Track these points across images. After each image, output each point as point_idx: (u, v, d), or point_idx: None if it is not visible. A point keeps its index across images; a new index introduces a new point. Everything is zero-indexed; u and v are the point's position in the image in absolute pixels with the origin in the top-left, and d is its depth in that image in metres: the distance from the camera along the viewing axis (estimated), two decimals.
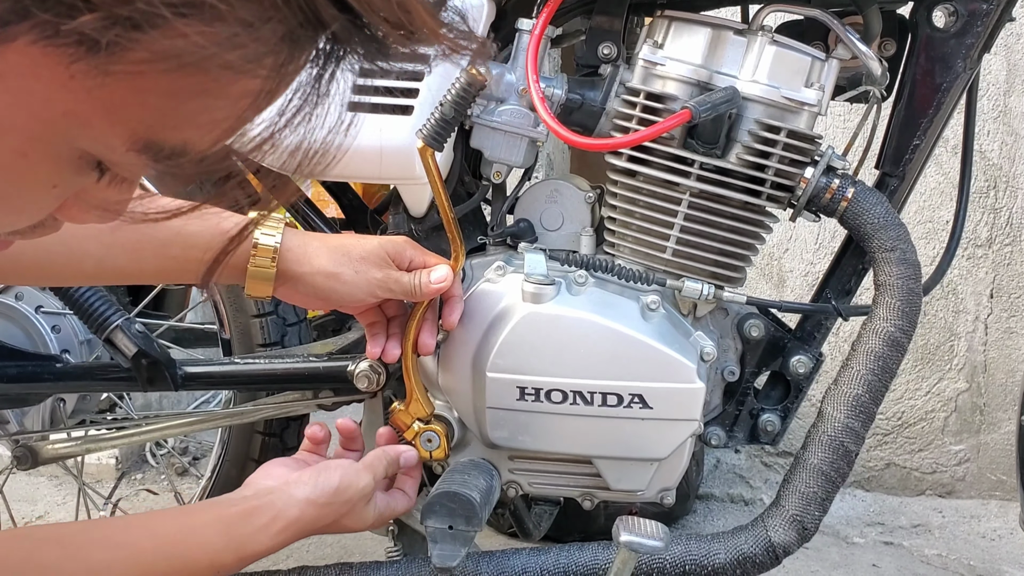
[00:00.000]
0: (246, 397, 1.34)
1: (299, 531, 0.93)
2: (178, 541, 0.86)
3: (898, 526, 2.07)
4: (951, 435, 2.15)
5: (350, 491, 0.96)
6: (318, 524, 0.95)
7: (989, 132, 2.08)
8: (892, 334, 1.09)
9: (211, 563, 0.86)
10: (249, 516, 0.89)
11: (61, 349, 1.39)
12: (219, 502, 0.92)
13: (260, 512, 0.90)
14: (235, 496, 0.93)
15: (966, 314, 2.12)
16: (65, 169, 0.45)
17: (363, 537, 1.89)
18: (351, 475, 0.97)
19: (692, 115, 1.02)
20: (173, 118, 0.43)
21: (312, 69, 0.44)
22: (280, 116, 0.45)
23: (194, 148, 0.45)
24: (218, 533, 0.87)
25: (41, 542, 0.80)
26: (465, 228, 1.13)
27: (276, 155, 0.47)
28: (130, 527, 0.87)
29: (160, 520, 0.89)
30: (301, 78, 0.44)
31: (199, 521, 0.88)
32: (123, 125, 0.42)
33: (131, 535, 0.85)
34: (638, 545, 0.94)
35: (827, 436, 1.10)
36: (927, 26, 1.13)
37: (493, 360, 1.07)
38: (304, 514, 0.92)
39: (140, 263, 0.99)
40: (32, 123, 0.42)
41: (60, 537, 0.82)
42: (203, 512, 0.90)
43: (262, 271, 0.99)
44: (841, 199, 1.10)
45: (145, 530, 0.86)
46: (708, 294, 1.10)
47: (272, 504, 0.91)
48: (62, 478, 2.14)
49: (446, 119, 1.01)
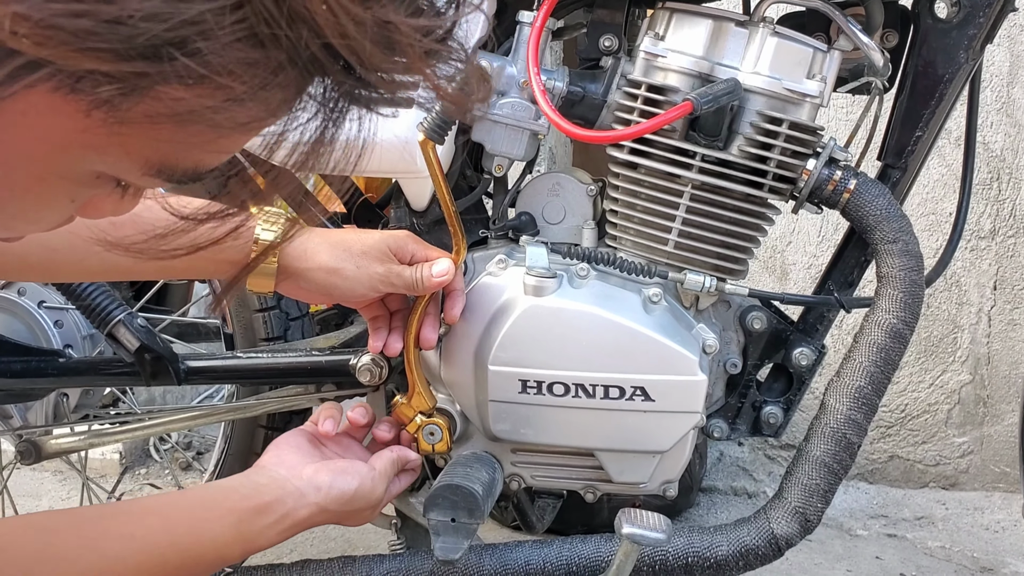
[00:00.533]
0: (249, 391, 1.34)
1: (306, 527, 0.95)
2: (191, 533, 0.87)
3: (901, 518, 2.07)
4: (954, 427, 2.15)
5: (363, 501, 0.97)
6: (323, 523, 0.96)
7: (992, 123, 2.07)
8: (894, 326, 1.09)
9: (219, 555, 0.88)
10: (259, 514, 0.91)
11: (64, 344, 1.39)
12: (230, 491, 0.92)
13: (271, 510, 0.91)
14: (248, 485, 0.94)
15: (969, 306, 2.12)
16: (83, 187, 0.47)
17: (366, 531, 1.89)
18: (368, 485, 0.97)
19: (694, 107, 1.02)
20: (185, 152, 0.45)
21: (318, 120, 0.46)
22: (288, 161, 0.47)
23: (205, 168, 0.47)
24: (229, 527, 0.88)
25: (58, 532, 0.80)
26: (467, 221, 1.13)
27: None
28: (145, 517, 0.88)
29: (176, 510, 0.90)
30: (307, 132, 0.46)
31: (213, 515, 0.89)
32: (138, 156, 0.45)
33: (146, 525, 0.85)
34: (641, 537, 0.94)
35: (830, 428, 1.10)
36: (929, 17, 1.12)
37: (495, 353, 1.07)
38: (313, 517, 0.94)
39: (144, 261, 0.99)
40: (51, 154, 0.44)
41: (78, 526, 0.82)
42: (215, 504, 0.90)
43: (264, 267, 0.99)
44: (843, 191, 1.09)
45: (160, 520, 0.87)
46: (710, 286, 1.10)
47: (283, 502, 0.92)
48: (66, 473, 2.14)
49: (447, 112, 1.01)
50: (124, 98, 0.40)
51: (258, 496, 0.92)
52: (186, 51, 0.39)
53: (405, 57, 0.43)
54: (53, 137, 0.42)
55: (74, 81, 0.39)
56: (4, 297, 1.39)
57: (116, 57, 0.39)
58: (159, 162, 0.45)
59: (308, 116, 0.45)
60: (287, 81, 0.42)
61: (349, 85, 0.44)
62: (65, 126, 0.42)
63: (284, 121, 0.46)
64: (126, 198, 0.50)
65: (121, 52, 0.38)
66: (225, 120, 0.42)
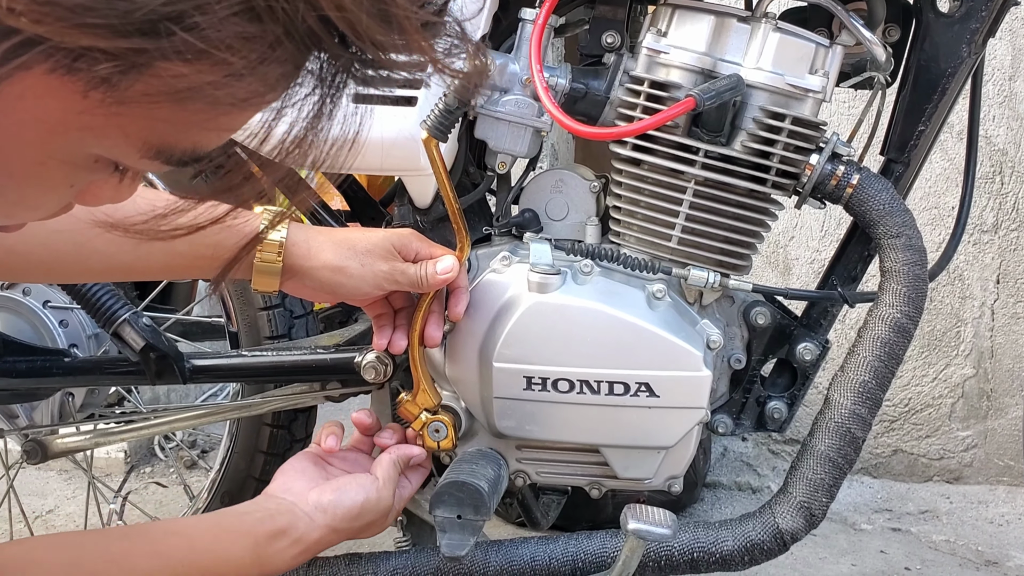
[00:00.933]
0: (254, 390, 1.34)
1: (319, 550, 0.97)
2: (211, 552, 0.89)
3: (906, 512, 2.07)
4: (958, 421, 2.15)
5: (372, 513, 0.99)
6: (338, 542, 0.98)
7: (995, 117, 2.07)
8: (898, 320, 1.09)
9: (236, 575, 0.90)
10: (275, 538, 0.93)
11: (69, 344, 1.40)
12: (247, 516, 0.95)
13: (285, 534, 0.93)
14: (261, 510, 0.96)
15: (972, 300, 2.12)
16: (82, 171, 0.46)
17: None
18: (372, 497, 0.99)
19: (696, 103, 1.02)
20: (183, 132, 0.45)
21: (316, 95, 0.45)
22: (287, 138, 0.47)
23: (204, 149, 0.47)
24: (246, 549, 0.91)
25: (85, 549, 0.82)
26: (470, 219, 1.13)
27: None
28: (168, 537, 0.90)
29: (197, 531, 0.92)
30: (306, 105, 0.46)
31: (231, 536, 0.91)
32: (136, 138, 0.44)
33: (170, 545, 0.88)
34: (646, 533, 0.94)
35: (834, 423, 1.10)
36: (931, 11, 1.12)
37: (500, 350, 1.07)
38: (324, 538, 0.96)
39: (147, 260, 1.00)
40: (49, 138, 0.43)
41: (105, 545, 0.85)
42: (234, 528, 0.93)
43: (268, 266, 1.00)
44: (846, 186, 1.09)
45: (183, 540, 0.89)
46: (714, 282, 1.10)
47: (295, 527, 0.94)
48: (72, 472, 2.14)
49: (450, 110, 1.01)
50: (122, 76, 0.40)
51: (271, 521, 0.94)
52: (184, 26, 0.39)
53: (401, 29, 0.43)
54: (51, 120, 0.42)
55: (71, 60, 0.39)
56: (9, 297, 1.39)
57: (113, 33, 0.38)
58: (157, 144, 0.45)
59: (306, 91, 0.45)
60: (285, 55, 0.42)
61: (346, 59, 0.44)
62: (63, 108, 0.41)
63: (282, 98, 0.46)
64: (124, 183, 0.49)
65: (118, 28, 0.38)
66: (224, 96, 0.42)
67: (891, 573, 1.82)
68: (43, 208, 0.49)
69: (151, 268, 1.04)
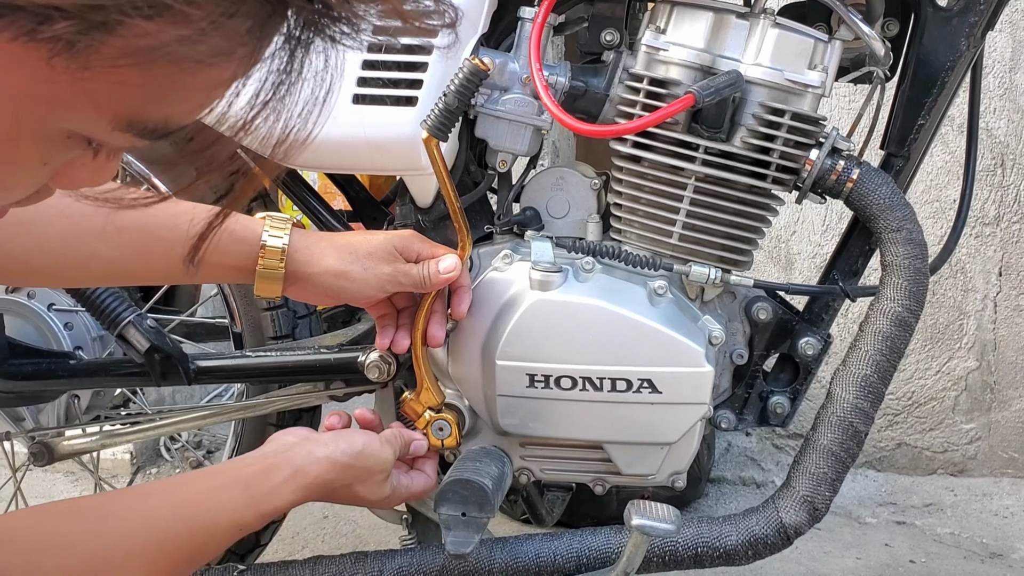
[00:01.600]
0: (258, 390, 1.35)
1: (318, 488, 0.93)
2: (197, 504, 0.86)
3: (910, 505, 2.08)
4: (962, 414, 2.15)
5: (371, 459, 0.97)
6: (336, 485, 0.95)
7: (995, 110, 2.07)
8: (900, 314, 1.09)
9: (233, 523, 0.87)
10: (267, 473, 0.90)
11: (74, 346, 1.40)
12: (236, 463, 0.92)
13: (279, 469, 0.90)
14: (254, 454, 0.94)
15: (975, 292, 2.12)
16: (54, 148, 0.46)
17: (377, 526, 1.90)
18: (374, 444, 0.98)
19: (696, 100, 1.02)
20: (152, 101, 0.44)
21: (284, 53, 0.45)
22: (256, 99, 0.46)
23: (176, 123, 0.46)
24: (237, 493, 0.88)
25: (61, 517, 0.80)
26: (472, 217, 1.13)
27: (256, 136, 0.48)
28: (149, 496, 0.87)
29: (178, 486, 0.89)
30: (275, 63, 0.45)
31: (217, 483, 0.88)
32: (106, 108, 0.44)
33: (149, 503, 0.85)
34: (650, 528, 0.95)
35: (836, 417, 1.10)
36: (930, 5, 1.12)
37: (502, 348, 1.07)
38: (324, 472, 0.93)
39: (148, 264, 1.00)
40: (17, 112, 0.43)
41: (80, 511, 0.82)
42: (220, 475, 0.90)
43: (271, 272, 1.00)
44: (846, 180, 1.10)
45: (163, 497, 0.86)
46: (715, 278, 1.11)
47: (291, 460, 0.92)
48: (78, 474, 2.15)
49: (450, 109, 1.01)
50: (83, 37, 0.39)
51: (264, 460, 0.91)
52: None
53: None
54: (19, 92, 0.42)
55: (34, 25, 0.39)
56: (14, 300, 1.39)
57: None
58: (128, 115, 0.44)
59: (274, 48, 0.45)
60: (248, 10, 0.42)
61: (310, 12, 0.44)
62: (29, 78, 0.41)
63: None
64: (100, 161, 0.49)
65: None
66: (188, 53, 0.41)
67: (896, 566, 1.83)
68: (17, 188, 0.48)
69: (152, 273, 1.04)
